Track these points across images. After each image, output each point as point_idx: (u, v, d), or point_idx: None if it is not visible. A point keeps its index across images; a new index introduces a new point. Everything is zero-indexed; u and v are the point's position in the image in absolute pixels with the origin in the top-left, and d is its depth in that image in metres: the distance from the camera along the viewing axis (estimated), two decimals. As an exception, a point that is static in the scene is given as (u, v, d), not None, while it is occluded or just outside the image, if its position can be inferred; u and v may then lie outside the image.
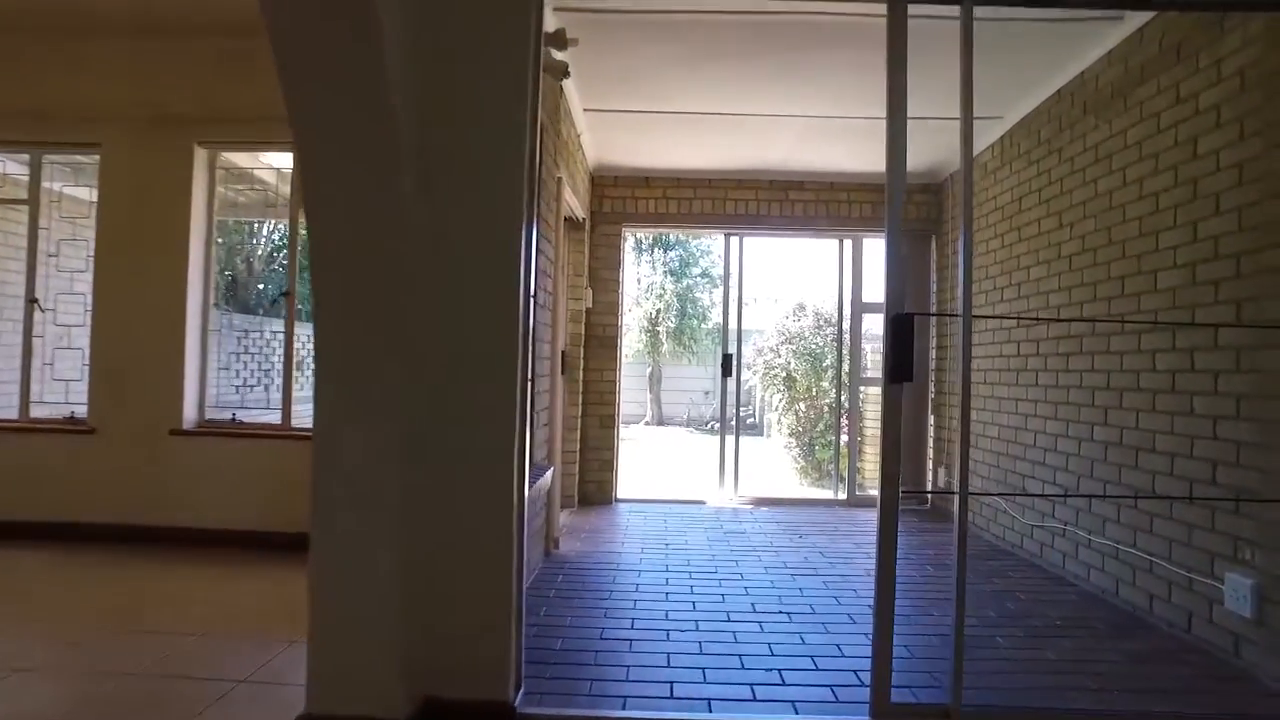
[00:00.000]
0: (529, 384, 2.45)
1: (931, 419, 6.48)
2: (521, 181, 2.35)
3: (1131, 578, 3.72)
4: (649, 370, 18.45)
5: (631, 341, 17.91)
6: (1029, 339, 4.89)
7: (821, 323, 9.23)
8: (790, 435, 9.34)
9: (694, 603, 3.78)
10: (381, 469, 2.29)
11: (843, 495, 6.69)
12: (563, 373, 6.15)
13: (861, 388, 6.88)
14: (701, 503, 6.60)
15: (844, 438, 6.97)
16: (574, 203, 5.72)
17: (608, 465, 6.55)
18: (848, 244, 6.70)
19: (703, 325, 17.83)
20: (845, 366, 6.85)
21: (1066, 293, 4.43)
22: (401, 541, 2.34)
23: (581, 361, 6.38)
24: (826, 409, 9.00)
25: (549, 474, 4.14)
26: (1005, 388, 5.14)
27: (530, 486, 3.35)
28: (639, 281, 18.82)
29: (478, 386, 2.34)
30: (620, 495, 6.73)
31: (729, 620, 3.53)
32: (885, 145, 2.60)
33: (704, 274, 18.10)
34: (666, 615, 3.58)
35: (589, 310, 6.49)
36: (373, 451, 2.28)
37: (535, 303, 2.76)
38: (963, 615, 2.59)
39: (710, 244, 18.00)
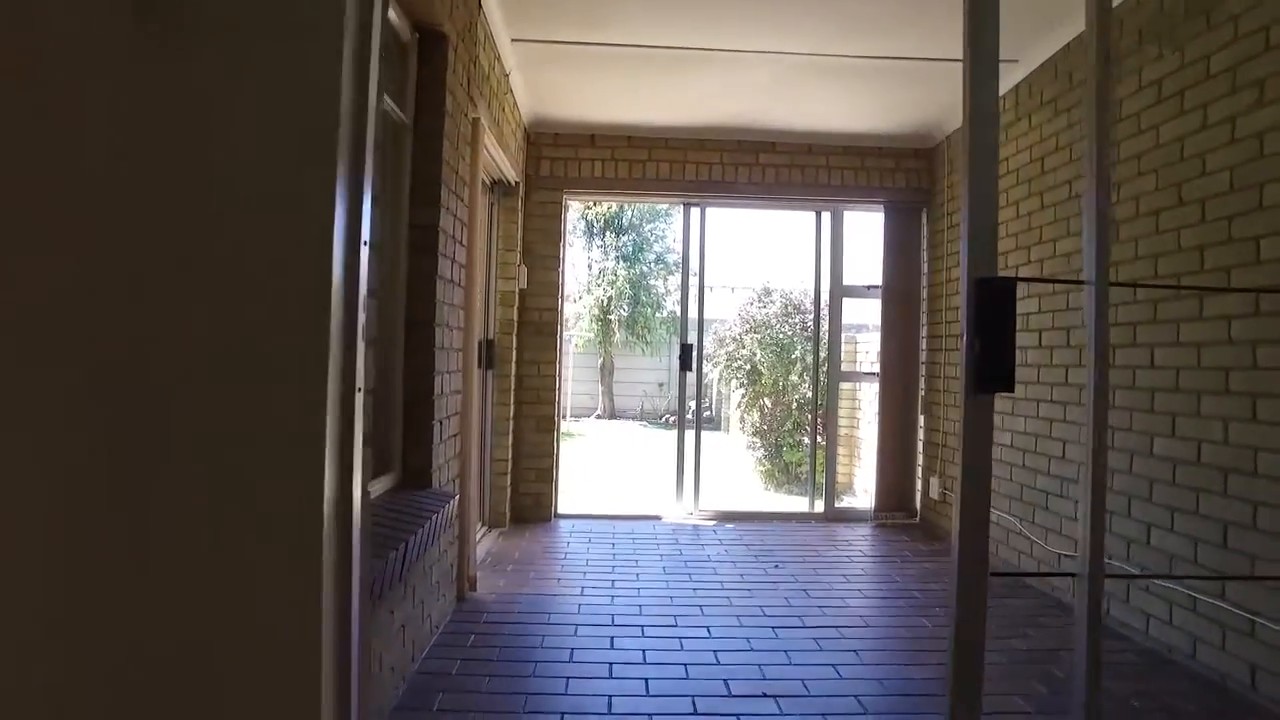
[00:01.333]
0: (356, 387, 1.42)
1: (922, 420, 5.62)
2: (343, 20, 1.30)
3: (1220, 640, 2.87)
4: (600, 361, 17.45)
5: (583, 331, 16.89)
6: (1073, 323, 4.04)
7: (790, 309, 8.33)
8: (754, 434, 8.45)
9: (647, 680, 2.80)
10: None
11: (818, 507, 5.80)
12: (488, 367, 5.11)
13: (841, 384, 5.99)
14: (657, 518, 5.64)
15: (821, 441, 6.08)
16: (502, 160, 4.67)
17: (546, 476, 5.53)
18: (826, 217, 5.78)
19: (657, 314, 16.87)
20: (822, 358, 5.95)
21: (1113, 269, 3.55)
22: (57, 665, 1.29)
23: (514, 353, 5.34)
24: (795, 406, 8.13)
25: (452, 504, 3.13)
26: (1042, 387, 4.29)
27: (414, 536, 2.32)
28: (590, 267, 17.78)
29: (241, 389, 1.30)
30: (562, 510, 5.72)
31: (695, 714, 2.56)
32: None
33: (659, 260, 17.15)
34: (610, 706, 2.60)
35: (523, 292, 5.45)
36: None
37: (369, 251, 1.60)
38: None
39: (666, 228, 17.05)
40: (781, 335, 8.15)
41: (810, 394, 7.95)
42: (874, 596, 3.99)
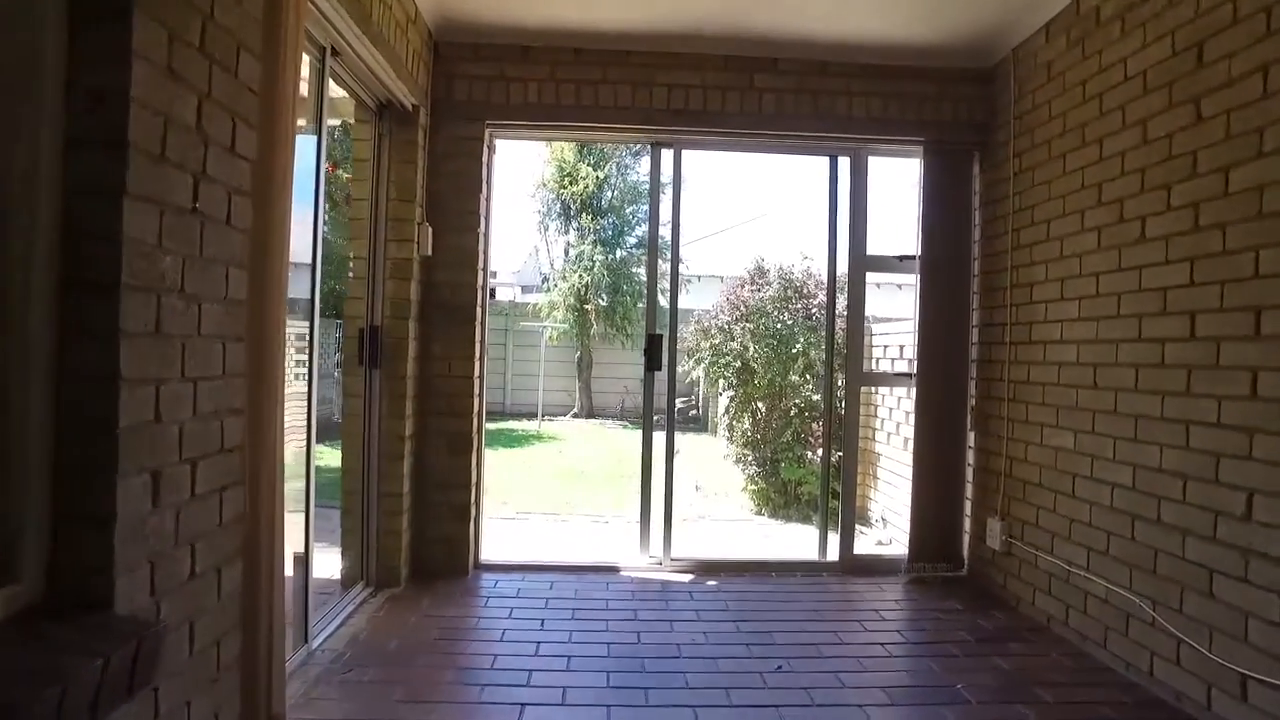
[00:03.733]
0: None
1: (972, 437, 4.15)
2: None
3: None
4: (578, 355, 15.93)
5: (557, 322, 15.35)
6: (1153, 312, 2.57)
7: (790, 293, 6.82)
8: (745, 445, 6.96)
9: None
10: None
11: (832, 552, 4.31)
12: (371, 364, 3.62)
13: (865, 388, 4.52)
14: (613, 570, 4.16)
15: (835, 458, 4.59)
16: (380, 68, 3.17)
17: (462, 513, 4.03)
18: (844, 164, 4.29)
19: (638, 305, 15.33)
20: (837, 352, 4.46)
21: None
22: None
23: (412, 345, 3.84)
24: (796, 413, 6.64)
25: (148, 647, 1.63)
26: (1120, 393, 2.82)
27: None
28: (567, 251, 16.23)
29: None
30: (486, 558, 4.24)
31: None
32: None
33: (641, 245, 15.61)
34: None
35: (428, 262, 3.94)
36: None
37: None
38: None
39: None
40: (779, 325, 6.64)
41: (817, 398, 6.49)
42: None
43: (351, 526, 3.73)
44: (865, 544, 5.12)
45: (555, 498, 7.23)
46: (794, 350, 6.52)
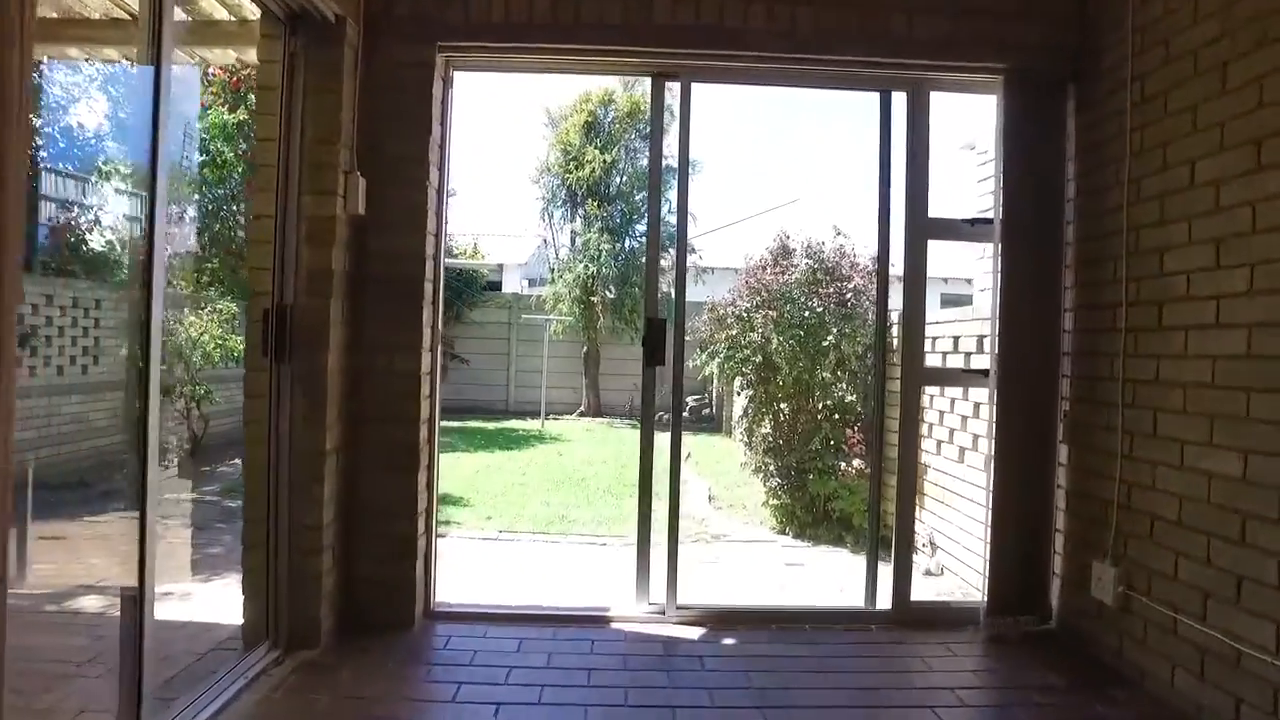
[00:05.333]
0: None
1: (1065, 453, 3.21)
2: None
3: None
4: (584, 350, 15.03)
5: (562, 315, 14.45)
6: None
7: (821, 275, 5.85)
8: (766, 453, 6.03)
9: None
10: None
11: (882, 598, 3.36)
12: (277, 357, 2.74)
13: (926, 389, 3.58)
14: (603, 620, 3.25)
15: (888, 478, 3.64)
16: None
17: (406, 548, 3.13)
18: (899, 100, 3.34)
19: (649, 297, 14.42)
20: (889, 345, 3.51)
21: None
22: None
23: (338, 331, 2.94)
24: (825, 416, 5.70)
25: None
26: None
27: None
28: (573, 240, 15.33)
29: None
30: (442, 602, 3.35)
31: None
32: None
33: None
34: None
35: (360, 223, 3.04)
36: None
37: None
38: None
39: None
40: (807, 313, 5.69)
41: (852, 398, 5.55)
42: None
43: (255, 566, 2.85)
44: (919, 582, 4.18)
45: (548, 513, 6.33)
46: (824, 343, 5.57)
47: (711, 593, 4.24)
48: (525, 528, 5.76)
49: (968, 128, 4.95)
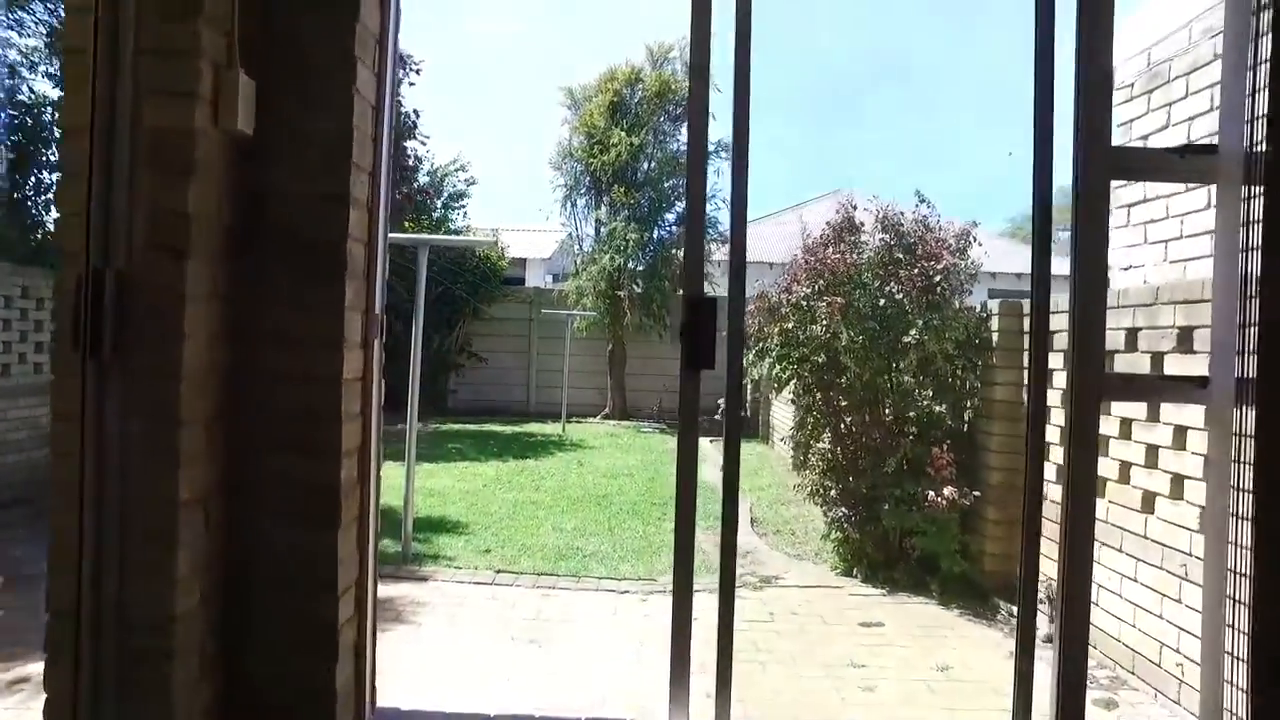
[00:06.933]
0: None
1: (1248, 486, 2.02)
2: None
3: None
4: (609, 348, 13.96)
5: (586, 309, 13.39)
6: None
7: (901, 253, 4.65)
8: (826, 473, 4.89)
9: None
10: None
11: (1043, 712, 2.20)
12: (95, 353, 1.65)
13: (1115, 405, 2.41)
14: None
15: (1040, 532, 2.45)
16: None
17: (324, 638, 2.06)
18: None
19: (678, 292, 13.22)
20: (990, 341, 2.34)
21: None
22: None
23: (200, 309, 1.87)
24: (904, 430, 4.53)
25: None
26: None
27: None
28: (597, 229, 14.26)
29: None
30: (384, 709, 2.27)
31: None
32: None
33: (681, 220, 13.53)
34: None
35: (241, 146, 1.97)
36: None
37: None
38: None
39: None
40: (882, 300, 4.50)
41: (940, 409, 4.39)
42: None
43: (62, 689, 1.80)
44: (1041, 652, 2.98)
45: (559, 542, 5.25)
46: (905, 339, 4.39)
47: (772, 679, 3.11)
48: (528, 565, 4.68)
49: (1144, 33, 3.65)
